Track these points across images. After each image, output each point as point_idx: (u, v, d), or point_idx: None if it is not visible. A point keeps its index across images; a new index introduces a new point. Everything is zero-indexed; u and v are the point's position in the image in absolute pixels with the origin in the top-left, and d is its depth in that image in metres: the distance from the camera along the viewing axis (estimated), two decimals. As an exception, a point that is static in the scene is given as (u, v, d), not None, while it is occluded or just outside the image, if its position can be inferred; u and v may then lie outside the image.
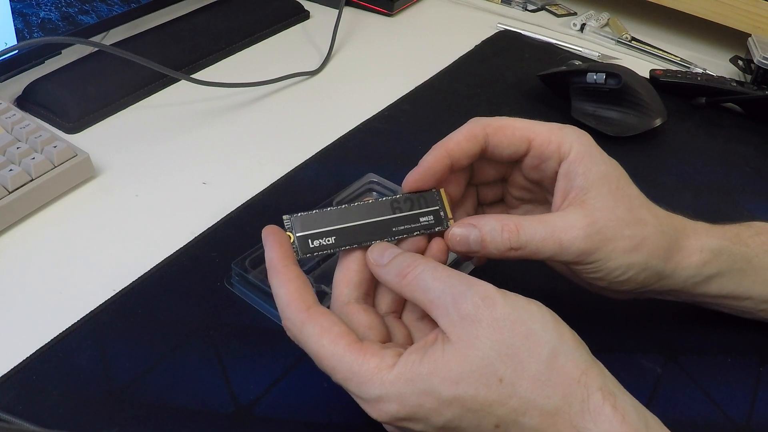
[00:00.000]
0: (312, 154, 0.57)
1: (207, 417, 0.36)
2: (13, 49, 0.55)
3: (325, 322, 0.32)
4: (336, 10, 0.77)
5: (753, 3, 0.75)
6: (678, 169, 0.59)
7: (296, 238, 0.35)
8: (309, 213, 0.36)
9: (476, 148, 0.38)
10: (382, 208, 0.37)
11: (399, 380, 0.31)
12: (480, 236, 0.36)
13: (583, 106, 0.63)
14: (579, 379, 0.30)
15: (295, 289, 0.33)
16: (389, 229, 0.37)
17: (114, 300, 0.43)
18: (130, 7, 0.68)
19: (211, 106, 0.63)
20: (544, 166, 0.38)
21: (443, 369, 0.30)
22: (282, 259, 0.34)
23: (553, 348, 0.30)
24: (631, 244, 0.36)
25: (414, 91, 0.67)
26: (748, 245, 0.40)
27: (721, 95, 0.67)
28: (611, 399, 0.30)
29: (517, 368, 0.30)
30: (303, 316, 0.33)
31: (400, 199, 0.37)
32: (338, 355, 0.32)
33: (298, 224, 0.36)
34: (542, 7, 0.89)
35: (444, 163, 0.37)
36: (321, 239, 0.36)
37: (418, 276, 0.33)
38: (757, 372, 0.41)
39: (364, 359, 0.31)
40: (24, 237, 0.48)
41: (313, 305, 0.33)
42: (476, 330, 0.30)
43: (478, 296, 0.31)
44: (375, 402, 0.31)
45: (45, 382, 0.37)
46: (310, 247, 0.36)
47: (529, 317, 0.31)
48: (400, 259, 0.34)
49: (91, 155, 0.53)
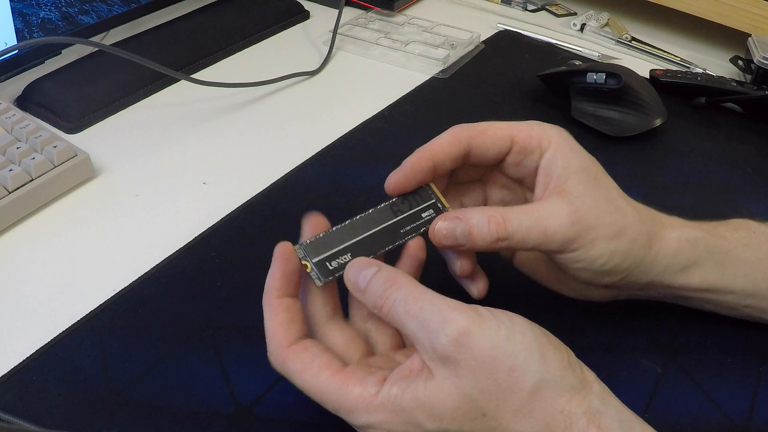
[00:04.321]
0: (312, 154, 0.57)
1: (207, 417, 0.36)
2: (13, 49, 0.55)
3: (306, 357, 0.33)
4: (336, 10, 0.77)
5: (753, 3, 0.75)
6: (678, 169, 0.59)
7: (313, 265, 0.35)
8: (317, 237, 0.36)
9: (459, 151, 0.38)
10: (384, 214, 0.37)
11: (384, 409, 0.31)
12: (467, 229, 0.36)
13: (583, 106, 0.63)
14: (563, 408, 0.30)
15: (279, 323, 0.33)
16: (397, 232, 0.37)
17: (114, 300, 0.43)
18: (130, 7, 0.68)
19: (211, 106, 0.63)
20: (527, 161, 0.38)
21: (426, 406, 0.30)
22: (276, 290, 0.34)
23: (536, 381, 0.30)
24: (613, 231, 0.37)
25: (414, 91, 0.67)
26: (726, 238, 0.40)
27: (721, 95, 0.67)
28: (596, 420, 0.30)
29: (500, 403, 0.30)
30: (284, 354, 0.33)
31: (398, 202, 0.38)
32: (321, 388, 0.32)
33: (311, 251, 0.35)
34: (542, 7, 0.89)
35: (427, 165, 0.37)
36: (338, 259, 0.35)
37: (391, 309, 0.32)
38: (757, 372, 0.41)
39: (347, 390, 0.31)
40: (24, 237, 0.48)
41: (295, 341, 0.33)
42: (456, 371, 0.30)
43: (453, 334, 0.30)
44: (366, 428, 0.32)
45: (45, 382, 0.37)
46: (330, 270, 0.35)
47: (511, 351, 0.30)
48: (375, 285, 0.33)
49: (91, 155, 0.53)
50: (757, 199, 0.57)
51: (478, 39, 0.77)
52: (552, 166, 0.37)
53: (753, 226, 0.42)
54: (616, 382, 0.36)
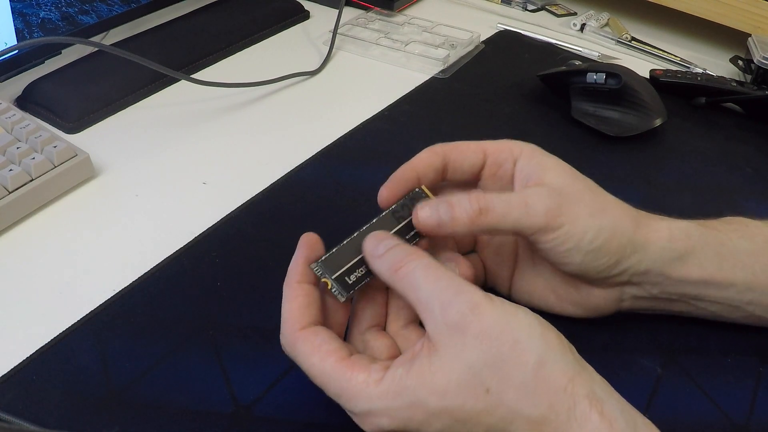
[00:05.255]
0: (312, 154, 0.57)
1: (207, 417, 0.36)
2: (13, 49, 0.55)
3: (316, 340, 0.33)
4: (336, 10, 0.77)
5: (753, 3, 0.75)
6: (678, 169, 0.59)
7: (333, 281, 0.35)
8: (331, 253, 0.36)
9: (438, 162, 0.40)
10: (388, 222, 0.38)
11: (387, 394, 0.31)
12: (448, 206, 0.36)
13: (583, 106, 0.63)
14: (565, 387, 0.30)
15: (296, 307, 0.34)
16: (403, 238, 0.37)
17: (114, 300, 0.43)
18: (130, 7, 0.68)
19: (211, 106, 0.63)
20: (501, 171, 0.40)
21: (430, 381, 0.31)
22: (299, 274, 0.35)
23: (540, 357, 0.30)
24: (595, 207, 0.37)
25: (414, 91, 0.67)
26: (719, 230, 0.40)
27: (721, 95, 0.67)
28: (598, 405, 0.30)
29: (504, 378, 0.30)
30: (296, 336, 0.34)
31: (398, 209, 0.38)
32: (327, 373, 0.33)
33: (327, 268, 0.36)
34: (542, 7, 0.89)
35: (412, 175, 0.39)
36: (355, 272, 0.36)
37: (410, 273, 0.33)
38: (757, 372, 0.41)
39: (351, 375, 0.32)
40: (24, 237, 0.48)
41: (308, 325, 0.34)
42: (462, 339, 0.31)
43: (465, 305, 0.31)
44: (365, 416, 0.32)
45: (45, 382, 0.37)
46: (350, 284, 0.36)
47: (516, 325, 0.31)
48: (395, 251, 0.34)
49: (91, 155, 0.53)
50: (757, 199, 0.57)
51: (478, 39, 0.77)
52: (527, 168, 0.39)
53: (744, 221, 0.42)
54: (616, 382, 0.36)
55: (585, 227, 0.37)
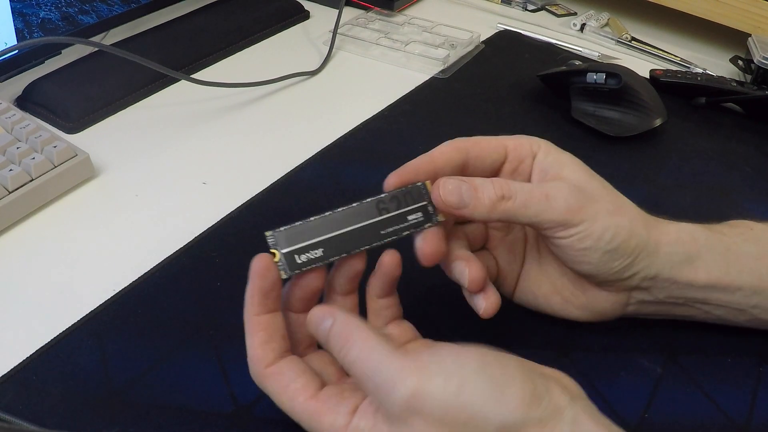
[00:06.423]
0: (312, 154, 0.57)
1: (207, 417, 0.36)
2: (13, 49, 0.55)
3: (282, 380, 0.33)
4: (336, 10, 0.77)
5: (753, 3, 0.75)
6: (678, 169, 0.59)
7: (282, 255, 0.34)
8: (293, 225, 0.35)
9: (459, 158, 0.38)
10: (368, 211, 0.36)
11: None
12: (471, 187, 0.36)
13: (583, 106, 0.63)
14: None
15: (258, 344, 0.34)
16: (377, 232, 0.36)
17: (114, 300, 0.43)
18: (130, 7, 0.68)
19: (211, 106, 0.63)
20: (522, 167, 0.39)
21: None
22: (254, 306, 0.34)
23: (499, 424, 0.29)
24: (613, 206, 0.37)
25: (414, 91, 0.67)
26: (724, 234, 0.40)
27: (721, 95, 0.67)
28: None
29: None
30: (263, 374, 0.34)
31: (386, 198, 0.36)
32: (297, 412, 0.33)
33: (282, 240, 0.34)
34: (542, 7, 0.89)
35: (428, 168, 0.37)
36: (308, 253, 0.34)
37: (350, 369, 0.32)
38: (757, 372, 0.41)
39: (319, 418, 0.32)
40: (24, 237, 0.48)
41: (273, 361, 0.34)
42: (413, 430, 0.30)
43: (404, 397, 0.30)
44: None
45: (45, 382, 0.37)
46: (298, 263, 0.34)
47: (464, 402, 0.29)
48: (332, 341, 0.33)
49: (91, 155, 0.53)
50: (757, 199, 0.57)
51: (478, 39, 0.77)
52: (545, 163, 0.39)
53: (750, 224, 0.42)
54: (616, 382, 0.37)
55: (605, 226, 0.36)
